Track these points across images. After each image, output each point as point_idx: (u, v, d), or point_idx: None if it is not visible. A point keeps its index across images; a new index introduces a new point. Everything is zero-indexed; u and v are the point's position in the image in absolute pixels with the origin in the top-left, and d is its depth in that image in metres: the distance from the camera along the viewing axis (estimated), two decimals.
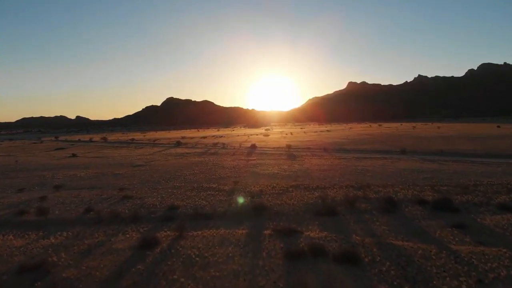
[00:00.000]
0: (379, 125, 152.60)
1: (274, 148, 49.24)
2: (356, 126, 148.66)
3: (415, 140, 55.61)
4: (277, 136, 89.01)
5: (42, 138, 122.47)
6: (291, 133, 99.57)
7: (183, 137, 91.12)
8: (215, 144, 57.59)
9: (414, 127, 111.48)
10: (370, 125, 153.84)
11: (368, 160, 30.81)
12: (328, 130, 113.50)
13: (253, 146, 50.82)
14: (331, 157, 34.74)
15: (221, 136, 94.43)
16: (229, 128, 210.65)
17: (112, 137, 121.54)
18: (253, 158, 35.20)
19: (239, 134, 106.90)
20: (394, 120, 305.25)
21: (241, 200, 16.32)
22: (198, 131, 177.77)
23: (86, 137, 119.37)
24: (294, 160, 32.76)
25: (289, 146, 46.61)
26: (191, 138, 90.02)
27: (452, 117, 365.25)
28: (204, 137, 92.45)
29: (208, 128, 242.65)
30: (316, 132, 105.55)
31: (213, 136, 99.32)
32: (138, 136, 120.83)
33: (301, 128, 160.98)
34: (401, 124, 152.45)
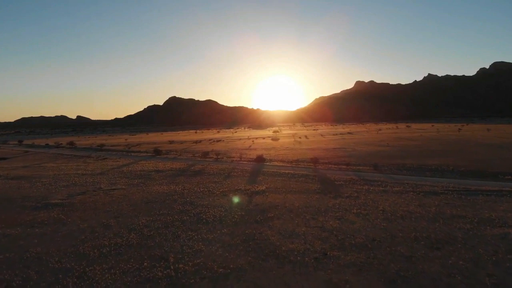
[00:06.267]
0: (407, 126, 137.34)
1: (291, 162, 35.06)
2: (383, 127, 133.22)
3: (494, 150, 40.99)
4: (288, 140, 74.77)
5: (9, 141, 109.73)
6: (306, 137, 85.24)
7: (171, 141, 77.33)
8: (205, 154, 43.55)
9: (460, 129, 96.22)
10: (397, 127, 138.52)
11: (497, 202, 16.43)
12: (349, 133, 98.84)
13: (260, 159, 36.70)
14: (399, 186, 20.43)
15: (219, 140, 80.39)
16: (232, 130, 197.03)
17: (93, 140, 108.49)
18: (260, 188, 21.06)
19: (241, 138, 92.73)
20: (407, 120, 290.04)
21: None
22: (196, 132, 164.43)
23: (64, 140, 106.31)
24: (338, 195, 18.49)
25: (315, 160, 32.31)
26: (181, 142, 76.14)
27: (473, 117, 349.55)
28: (198, 141, 78.54)
29: (209, 129, 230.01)
30: (335, 135, 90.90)
31: (210, 139, 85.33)
32: (121, 139, 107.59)
33: (314, 130, 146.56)
34: (433, 125, 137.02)
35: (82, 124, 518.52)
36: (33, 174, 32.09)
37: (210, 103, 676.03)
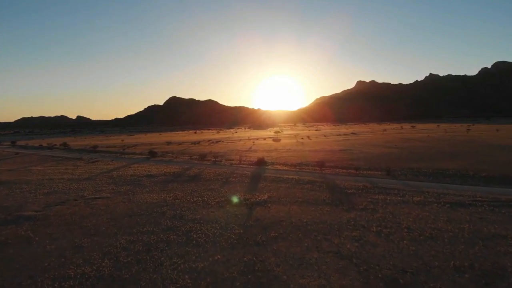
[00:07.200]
0: (412, 126, 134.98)
1: (294, 165, 32.83)
2: (387, 128, 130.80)
3: (511, 152, 38.68)
4: (290, 141, 72.53)
5: (2, 143, 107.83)
6: (309, 137, 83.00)
7: (168, 142, 75.19)
8: (203, 157, 41.34)
9: (468, 129, 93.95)
10: (401, 127, 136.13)
11: None
12: (353, 133, 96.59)
13: (261, 162, 34.51)
14: (420, 196, 18.19)
15: (219, 141, 78.23)
16: (232, 130, 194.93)
17: (89, 141, 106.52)
18: (261, 197, 18.84)
19: (241, 138, 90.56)
20: (409, 121, 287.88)
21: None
22: (195, 133, 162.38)
23: (61, 140, 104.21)
24: (352, 207, 16.24)
25: (321, 164, 30.08)
26: (179, 143, 73.97)
27: (475, 117, 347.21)
28: (197, 142, 76.37)
29: (209, 130, 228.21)
30: (339, 135, 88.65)
31: (209, 140, 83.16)
32: (117, 140, 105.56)
33: (316, 130, 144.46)
34: (438, 126, 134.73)
35: (82, 124, 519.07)
36: (16, 179, 29.93)
37: (210, 103, 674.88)
